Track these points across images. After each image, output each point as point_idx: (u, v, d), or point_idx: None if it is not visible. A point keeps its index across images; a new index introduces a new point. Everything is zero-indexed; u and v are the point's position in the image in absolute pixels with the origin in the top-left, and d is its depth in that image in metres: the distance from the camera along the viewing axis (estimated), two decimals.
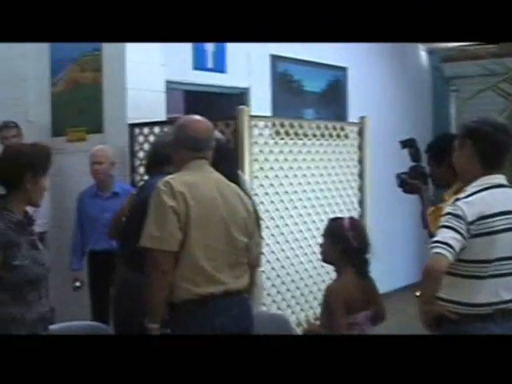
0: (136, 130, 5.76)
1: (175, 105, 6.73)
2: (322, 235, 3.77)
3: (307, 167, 5.74)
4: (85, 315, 5.30)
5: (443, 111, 9.43)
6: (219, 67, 6.71)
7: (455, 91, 9.29)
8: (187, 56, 6.42)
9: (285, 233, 5.56)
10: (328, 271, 5.26)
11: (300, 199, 5.69)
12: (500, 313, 3.04)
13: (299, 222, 5.70)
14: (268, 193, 5.36)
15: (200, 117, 3.46)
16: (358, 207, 6.21)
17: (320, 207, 5.87)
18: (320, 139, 5.85)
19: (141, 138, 5.74)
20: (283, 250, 5.54)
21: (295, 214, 5.66)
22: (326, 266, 4.77)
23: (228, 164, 4.03)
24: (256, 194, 5.09)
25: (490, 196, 3.06)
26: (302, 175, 5.70)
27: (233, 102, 6.61)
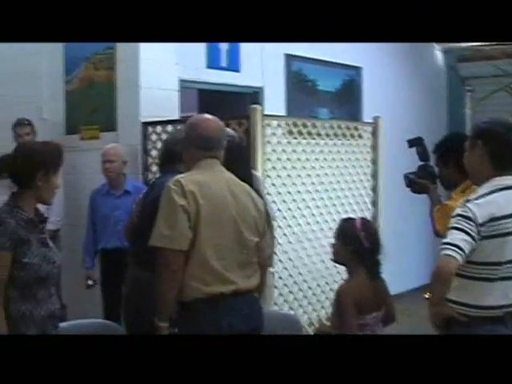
0: (149, 129, 5.77)
1: (189, 103, 6.72)
2: (334, 235, 3.75)
3: (320, 167, 5.72)
4: (97, 313, 5.32)
5: (458, 111, 9.36)
6: (233, 66, 6.70)
7: (470, 91, 9.23)
8: (201, 55, 6.42)
9: (297, 232, 5.55)
10: (340, 271, 5.25)
11: (313, 199, 5.68)
12: (510, 315, 3.02)
13: (312, 222, 5.69)
14: (280, 192, 5.35)
15: (211, 116, 3.45)
16: (371, 207, 6.20)
17: (333, 207, 5.86)
18: (333, 139, 5.83)
19: (154, 137, 5.74)
20: (295, 250, 5.54)
21: (308, 214, 5.65)
22: (339, 266, 4.76)
23: (241, 163, 4.02)
24: (268, 194, 5.08)
25: (502, 197, 3.02)
26: (315, 175, 5.68)
27: (246, 101, 6.62)
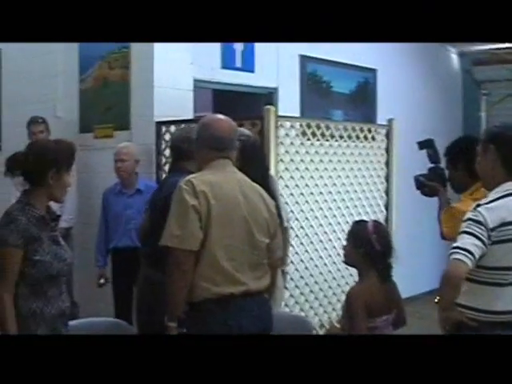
0: (163, 128, 5.77)
1: (203, 103, 6.72)
2: (346, 238, 3.74)
3: (333, 169, 5.71)
4: (110, 312, 5.33)
5: (473, 115, 9.32)
6: (248, 66, 6.69)
7: (486, 95, 9.19)
8: (216, 55, 6.41)
9: (309, 234, 5.54)
10: (352, 273, 5.23)
11: (325, 201, 5.66)
12: None
13: (324, 224, 5.67)
14: (293, 194, 5.34)
15: (224, 116, 3.44)
16: (384, 210, 6.17)
17: (345, 209, 5.84)
18: (347, 141, 5.81)
19: (167, 136, 5.74)
20: (307, 252, 5.53)
21: (320, 216, 5.63)
22: (350, 269, 4.75)
23: (256, 164, 4.01)
24: (281, 195, 5.07)
25: None
26: (328, 177, 5.67)
27: (261, 102, 6.61)
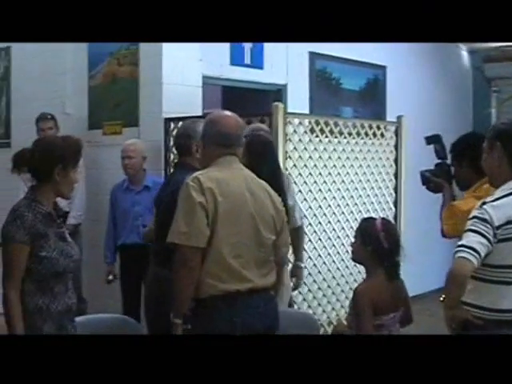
0: (171, 125, 5.77)
1: (212, 100, 6.72)
2: (354, 235, 3.73)
3: (342, 166, 5.69)
4: (118, 308, 5.34)
5: (484, 112, 9.28)
6: (257, 63, 6.68)
7: (496, 92, 9.15)
8: (225, 51, 6.40)
9: (318, 231, 5.53)
10: (360, 271, 5.23)
11: (333, 198, 5.65)
12: None
13: (332, 221, 5.66)
14: (301, 190, 5.33)
15: (230, 112, 3.43)
16: (393, 208, 6.15)
17: (354, 207, 5.83)
18: (355, 138, 5.80)
19: (176, 133, 5.74)
20: (315, 249, 5.52)
21: (328, 213, 5.62)
22: (359, 266, 4.73)
23: (264, 161, 4.01)
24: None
25: None
26: (337, 174, 5.65)
27: (270, 99, 6.60)
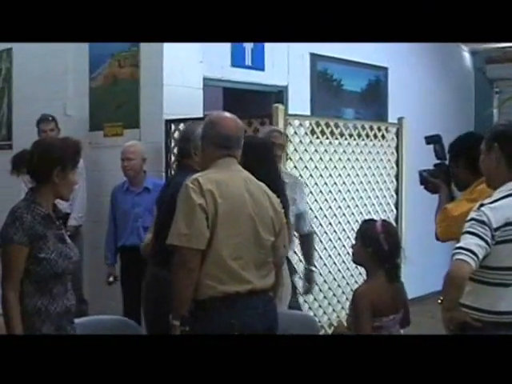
0: (172, 126, 5.77)
1: (213, 102, 6.71)
2: (355, 236, 3.72)
3: (342, 167, 5.69)
4: (119, 310, 5.34)
5: (486, 113, 9.27)
6: (257, 65, 6.68)
7: (498, 93, 9.14)
8: (225, 53, 6.40)
9: (318, 233, 5.53)
10: (361, 272, 5.21)
11: (334, 199, 5.65)
12: None
13: (333, 223, 5.66)
14: None
15: (230, 114, 3.43)
16: (395, 209, 6.15)
17: (355, 208, 5.82)
18: (356, 139, 5.79)
19: (177, 135, 5.73)
20: (316, 250, 5.49)
21: (329, 215, 5.62)
22: (360, 268, 4.72)
23: (265, 163, 4.00)
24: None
25: None
26: (337, 175, 5.65)
27: (271, 100, 6.60)
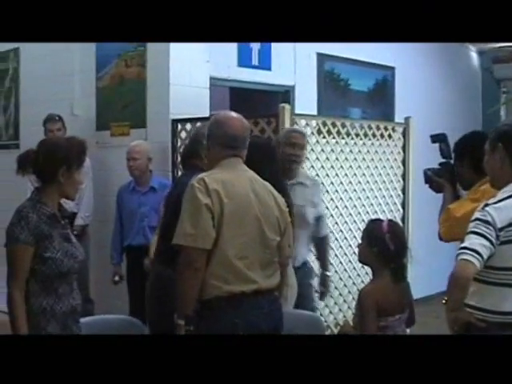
0: (179, 126, 5.77)
1: (219, 101, 6.71)
2: (361, 236, 3.72)
3: (349, 167, 5.68)
4: (126, 309, 5.34)
5: (493, 112, 9.25)
6: (264, 64, 6.68)
7: (506, 93, 9.12)
8: (232, 53, 6.41)
9: None
10: (367, 272, 5.19)
11: (341, 199, 5.64)
12: None
13: (339, 222, 5.65)
14: None
15: (236, 114, 3.43)
16: (401, 209, 6.13)
17: (361, 208, 5.81)
18: (363, 139, 5.78)
19: (183, 134, 5.74)
20: None
21: (336, 214, 5.61)
22: (366, 267, 4.71)
23: (272, 163, 4.00)
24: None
25: None
26: (344, 175, 5.64)
27: (278, 100, 6.61)
